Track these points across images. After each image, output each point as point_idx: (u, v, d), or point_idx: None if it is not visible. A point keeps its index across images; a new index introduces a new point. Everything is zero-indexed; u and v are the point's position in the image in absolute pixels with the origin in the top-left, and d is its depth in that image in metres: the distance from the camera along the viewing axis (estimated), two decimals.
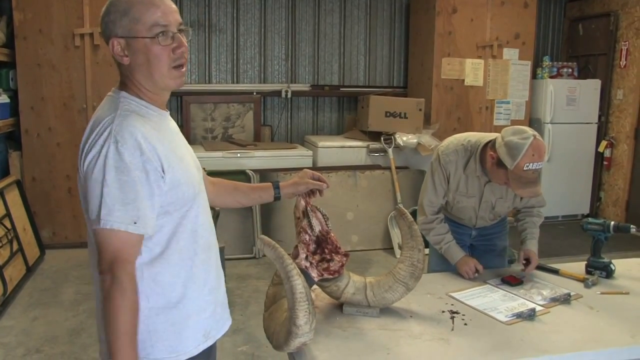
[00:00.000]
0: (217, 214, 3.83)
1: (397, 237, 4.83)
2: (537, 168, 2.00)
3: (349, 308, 1.79)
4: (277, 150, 5.14)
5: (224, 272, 1.60)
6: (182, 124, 5.32)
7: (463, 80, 5.48)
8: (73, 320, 3.42)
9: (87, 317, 3.46)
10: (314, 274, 1.66)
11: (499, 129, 2.50)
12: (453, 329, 1.73)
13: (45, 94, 4.56)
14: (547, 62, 5.96)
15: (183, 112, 5.40)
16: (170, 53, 1.30)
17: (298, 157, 5.06)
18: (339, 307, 1.82)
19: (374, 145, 5.26)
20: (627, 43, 5.68)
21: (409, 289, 1.78)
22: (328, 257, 1.69)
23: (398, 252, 4.71)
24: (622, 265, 2.30)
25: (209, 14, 5.54)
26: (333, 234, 1.72)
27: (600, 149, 5.94)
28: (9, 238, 3.94)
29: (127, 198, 1.22)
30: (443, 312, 1.85)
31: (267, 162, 4.98)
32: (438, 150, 2.34)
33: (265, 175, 4.82)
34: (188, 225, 1.36)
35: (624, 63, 5.71)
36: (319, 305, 1.84)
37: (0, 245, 3.77)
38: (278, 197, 1.72)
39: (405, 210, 1.86)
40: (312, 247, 1.69)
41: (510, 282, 2.10)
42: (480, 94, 5.52)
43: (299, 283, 1.43)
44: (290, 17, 5.75)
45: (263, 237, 1.48)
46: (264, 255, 4.49)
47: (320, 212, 1.72)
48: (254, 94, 5.62)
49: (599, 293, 2.05)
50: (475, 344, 1.63)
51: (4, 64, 4.52)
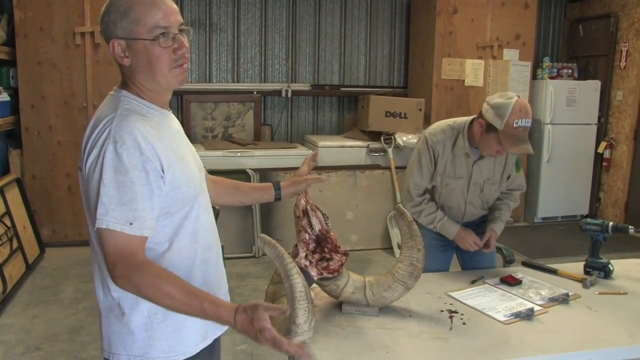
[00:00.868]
0: (217, 213, 3.82)
1: (396, 236, 4.84)
2: (526, 125, 2.10)
3: (348, 307, 1.80)
4: (277, 150, 5.14)
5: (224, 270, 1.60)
6: (182, 123, 5.21)
7: (463, 81, 5.48)
8: (73, 318, 3.43)
9: (86, 315, 3.47)
10: (314, 273, 1.67)
11: None
12: (452, 328, 1.73)
13: (46, 92, 4.57)
14: (547, 62, 5.97)
15: (183, 111, 5.41)
16: (171, 54, 1.30)
17: (298, 156, 5.06)
18: (338, 306, 1.83)
19: (374, 145, 5.27)
20: (627, 44, 5.69)
21: (408, 289, 1.78)
22: (328, 256, 1.69)
23: (397, 251, 4.71)
24: (620, 266, 2.31)
25: (210, 13, 5.54)
26: (333, 233, 1.73)
27: (600, 150, 5.95)
28: (9, 236, 3.94)
29: (123, 198, 1.21)
30: (442, 311, 1.85)
31: (267, 161, 4.98)
32: (425, 133, 2.40)
33: (265, 175, 4.83)
34: (189, 226, 1.36)
35: (624, 64, 5.72)
36: (319, 304, 1.84)
37: (0, 243, 3.77)
38: (279, 197, 1.72)
39: (405, 210, 1.87)
40: (311, 246, 1.69)
41: (509, 282, 2.11)
42: (481, 95, 5.52)
43: (299, 282, 1.44)
44: (291, 16, 5.75)
45: (263, 235, 1.48)
46: (264, 254, 4.50)
47: (320, 211, 1.73)
48: (254, 93, 5.63)
49: (597, 293, 2.05)
50: (474, 344, 1.64)
51: (5, 62, 4.52)
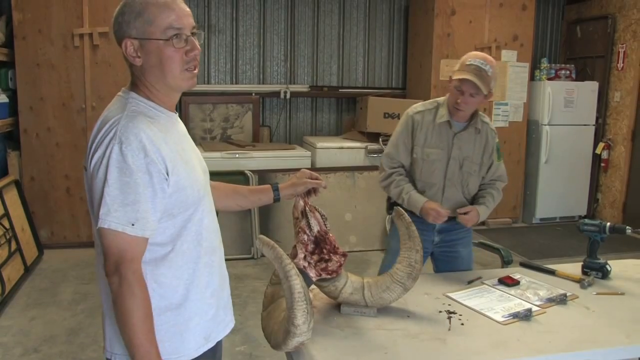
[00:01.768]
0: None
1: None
2: (479, 65, 2.23)
3: (347, 308, 1.80)
4: (275, 151, 5.14)
5: None
6: None
7: None
8: (71, 320, 3.42)
9: (85, 316, 3.46)
10: (312, 274, 1.67)
11: (497, 130, 2.54)
12: (450, 329, 1.74)
13: (44, 94, 4.56)
14: (545, 64, 5.97)
15: (182, 112, 5.41)
16: (183, 55, 1.31)
17: (297, 157, 5.07)
18: (337, 307, 1.83)
19: (373, 146, 5.27)
20: (624, 46, 5.70)
21: (407, 289, 1.79)
22: (326, 257, 1.70)
23: None
24: (618, 266, 2.31)
25: (209, 15, 5.55)
26: (331, 234, 1.73)
27: (598, 151, 5.96)
28: (7, 238, 3.94)
29: (126, 199, 1.22)
30: (440, 312, 1.86)
31: (265, 162, 4.98)
32: (407, 110, 2.52)
33: (264, 176, 4.83)
34: (192, 228, 1.36)
35: (622, 65, 5.73)
36: (317, 305, 1.85)
37: None
38: (277, 199, 1.72)
39: (403, 211, 1.88)
40: (310, 247, 1.70)
41: (507, 282, 2.12)
42: None
43: (298, 283, 1.44)
44: (290, 18, 5.76)
45: (262, 237, 1.48)
46: (262, 256, 4.50)
47: (319, 212, 1.73)
48: (253, 95, 5.63)
49: (595, 294, 2.06)
50: (472, 344, 1.65)
51: (3, 64, 4.52)
